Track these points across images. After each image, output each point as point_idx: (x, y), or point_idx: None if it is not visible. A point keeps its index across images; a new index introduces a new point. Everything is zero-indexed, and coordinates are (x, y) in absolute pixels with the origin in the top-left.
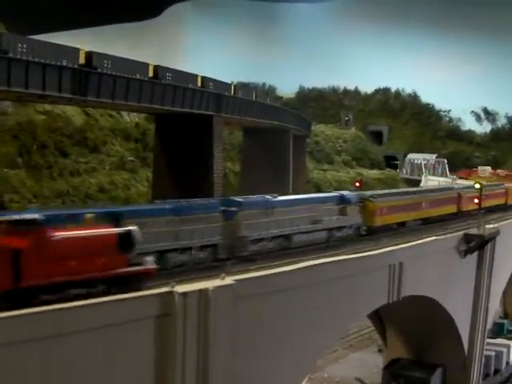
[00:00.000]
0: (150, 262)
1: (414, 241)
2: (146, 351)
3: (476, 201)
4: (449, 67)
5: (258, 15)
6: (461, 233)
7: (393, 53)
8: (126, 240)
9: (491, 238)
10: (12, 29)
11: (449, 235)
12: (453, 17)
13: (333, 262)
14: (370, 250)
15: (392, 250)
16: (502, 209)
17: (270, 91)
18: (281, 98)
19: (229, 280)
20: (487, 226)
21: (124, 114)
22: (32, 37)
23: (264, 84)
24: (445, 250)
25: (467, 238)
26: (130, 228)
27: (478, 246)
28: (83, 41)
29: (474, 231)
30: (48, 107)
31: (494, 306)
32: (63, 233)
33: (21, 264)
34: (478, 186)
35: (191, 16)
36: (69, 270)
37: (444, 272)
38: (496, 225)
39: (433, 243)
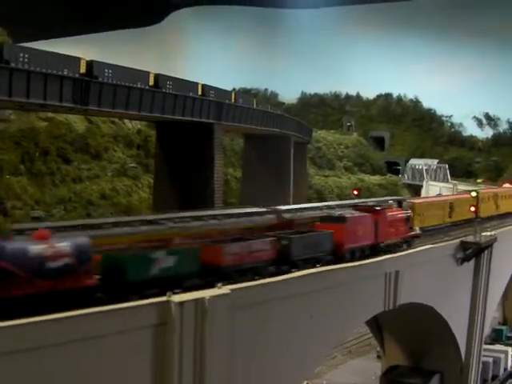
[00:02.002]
0: (417, 230)
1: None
2: (143, 360)
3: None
4: (450, 72)
5: (260, 21)
6: (457, 240)
7: (394, 58)
8: (407, 216)
9: (488, 245)
10: (13, 35)
11: (445, 243)
12: (454, 22)
13: (329, 270)
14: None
15: (388, 258)
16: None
17: (271, 97)
18: (283, 103)
19: (225, 289)
20: (484, 234)
21: (126, 120)
22: (33, 43)
23: (266, 90)
24: (441, 257)
25: (464, 246)
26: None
27: (475, 253)
28: (84, 47)
29: (470, 239)
30: (50, 114)
31: (491, 313)
32: (391, 213)
33: (377, 229)
34: (474, 194)
35: (193, 22)
36: (391, 233)
37: (441, 279)
38: (493, 232)
39: (429, 251)
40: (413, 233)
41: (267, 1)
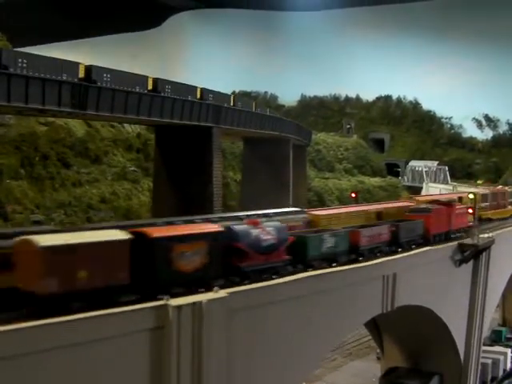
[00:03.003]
0: (473, 221)
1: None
2: (141, 363)
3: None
4: (450, 74)
5: (259, 24)
6: (455, 243)
7: (394, 60)
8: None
9: (486, 247)
10: (13, 40)
11: (443, 245)
12: (453, 24)
13: (326, 273)
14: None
15: (385, 261)
16: None
17: (271, 100)
18: (283, 106)
19: (222, 293)
20: (482, 236)
21: (125, 124)
22: (32, 47)
23: (266, 93)
24: (439, 259)
25: (462, 248)
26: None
27: (473, 255)
28: (84, 51)
29: (468, 241)
30: (50, 118)
31: (490, 315)
32: (458, 207)
33: (450, 219)
34: (471, 196)
35: (192, 26)
36: (458, 223)
37: (439, 282)
38: (491, 234)
39: (427, 253)
40: (470, 223)
41: (266, 3)
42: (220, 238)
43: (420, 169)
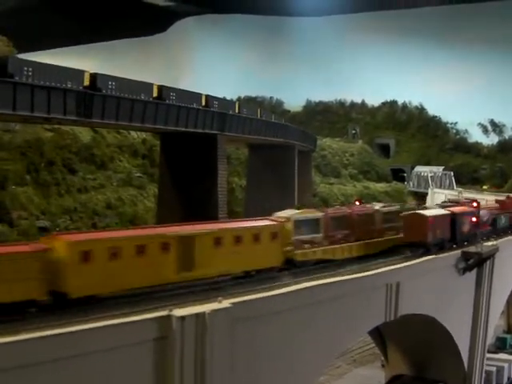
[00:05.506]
0: None
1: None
2: (144, 373)
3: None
4: (455, 80)
5: (265, 30)
6: (459, 251)
7: (399, 66)
8: None
9: (490, 255)
10: (20, 46)
11: (447, 254)
12: (457, 30)
13: (330, 282)
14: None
15: (389, 270)
16: None
17: (277, 105)
18: (288, 111)
19: (226, 303)
20: (485, 244)
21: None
22: (40, 52)
23: (271, 98)
24: (443, 268)
25: (465, 256)
26: None
27: (477, 263)
28: (90, 56)
29: (472, 249)
30: (55, 125)
31: (494, 322)
32: None
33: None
34: (475, 204)
35: (197, 31)
36: None
37: (442, 290)
38: (494, 242)
39: (431, 262)
40: None
41: (271, 9)
42: (473, 215)
43: (425, 174)
